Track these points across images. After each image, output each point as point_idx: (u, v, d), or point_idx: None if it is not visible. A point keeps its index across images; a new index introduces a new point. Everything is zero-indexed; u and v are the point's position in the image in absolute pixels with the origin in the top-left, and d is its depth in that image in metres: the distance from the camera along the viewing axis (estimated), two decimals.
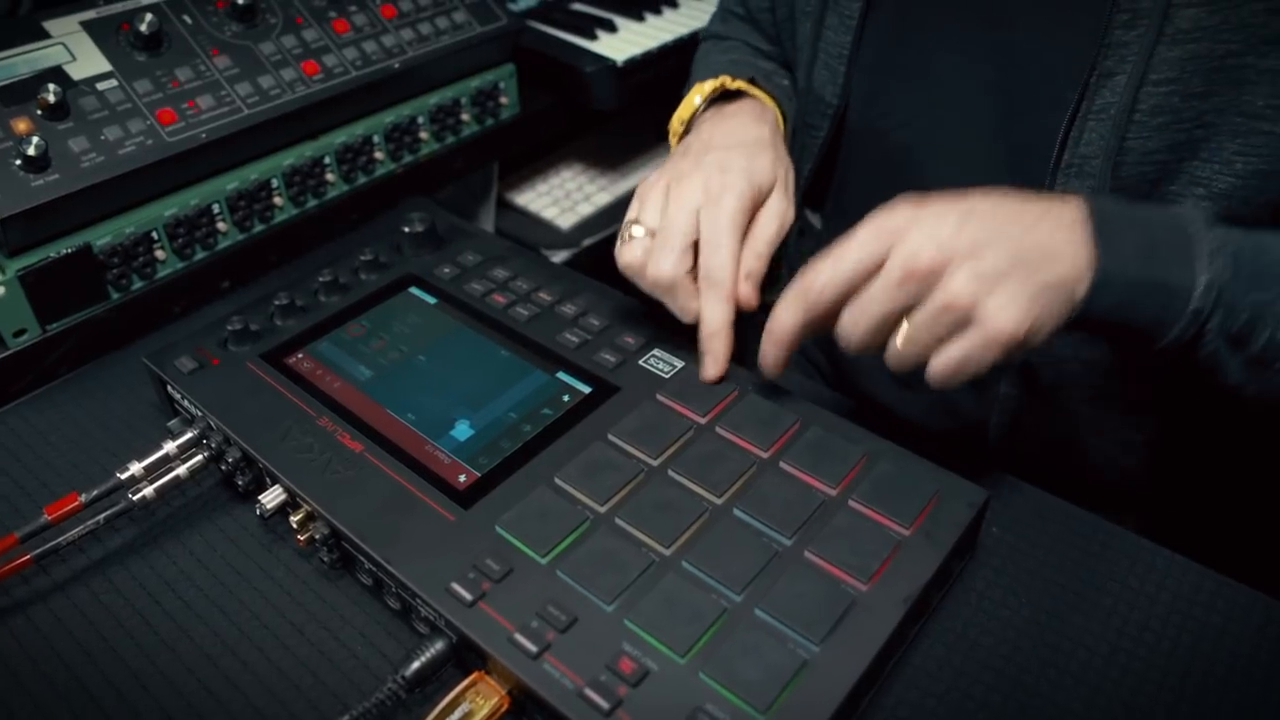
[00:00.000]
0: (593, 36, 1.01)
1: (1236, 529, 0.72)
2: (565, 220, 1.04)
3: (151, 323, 0.73)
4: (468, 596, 0.46)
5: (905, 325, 0.48)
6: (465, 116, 0.91)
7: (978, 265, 0.46)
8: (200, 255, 0.75)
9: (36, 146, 0.63)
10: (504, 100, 0.94)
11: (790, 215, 0.61)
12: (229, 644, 0.51)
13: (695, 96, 0.69)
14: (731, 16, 0.84)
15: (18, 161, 0.64)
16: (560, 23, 1.03)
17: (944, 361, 0.48)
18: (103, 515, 0.54)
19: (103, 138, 0.67)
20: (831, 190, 0.79)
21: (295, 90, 0.76)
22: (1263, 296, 0.49)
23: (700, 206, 0.58)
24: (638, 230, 0.59)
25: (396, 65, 0.82)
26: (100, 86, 0.69)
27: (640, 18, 1.06)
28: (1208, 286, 0.48)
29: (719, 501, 0.51)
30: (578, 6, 1.07)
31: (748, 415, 0.56)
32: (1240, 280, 0.49)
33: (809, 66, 0.73)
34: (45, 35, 0.70)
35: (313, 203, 0.81)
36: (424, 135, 0.88)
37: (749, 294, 0.57)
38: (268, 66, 0.76)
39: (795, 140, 0.79)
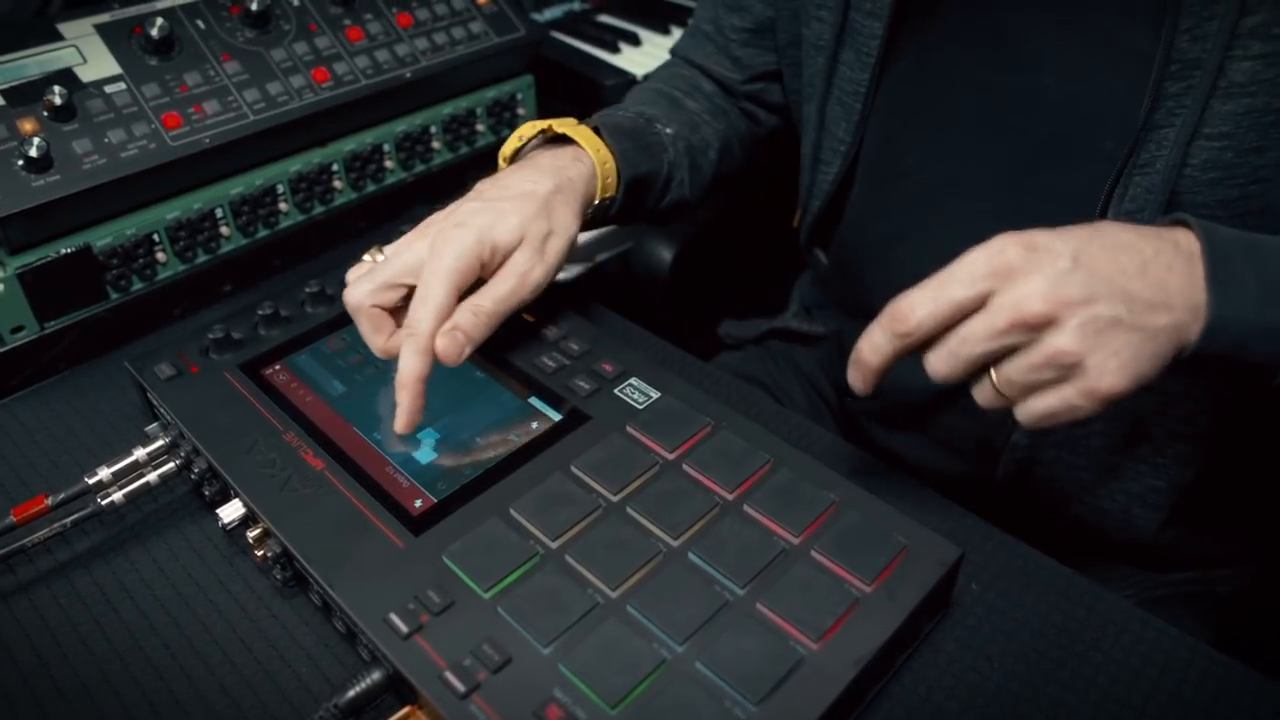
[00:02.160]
0: (615, 50, 0.99)
1: (1239, 600, 0.68)
2: (580, 235, 1.03)
3: (152, 324, 0.74)
4: (404, 628, 0.45)
5: (1002, 368, 0.46)
6: (480, 127, 0.90)
7: (1089, 315, 0.44)
8: (202, 258, 0.75)
9: (38, 147, 0.64)
10: (521, 111, 0.93)
11: (537, 275, 0.59)
12: (177, 657, 0.51)
13: (525, 131, 0.67)
14: (699, 34, 0.81)
15: (20, 162, 0.64)
16: (584, 35, 1.02)
17: (1038, 409, 0.46)
18: (69, 519, 0.55)
19: (106, 140, 0.68)
20: (840, 231, 0.76)
21: (303, 97, 0.76)
22: None
23: (424, 259, 0.57)
24: (377, 255, 0.60)
25: (409, 75, 0.81)
26: (108, 89, 0.70)
27: (666, 31, 1.04)
28: None
29: (674, 544, 0.49)
30: (604, 19, 1.06)
31: (718, 453, 0.54)
32: None
33: (822, 101, 0.70)
34: (59, 37, 0.71)
35: (320, 209, 0.82)
36: (436, 145, 0.87)
37: (445, 347, 0.55)
38: (277, 73, 0.76)
39: (803, 177, 0.77)
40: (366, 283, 0.58)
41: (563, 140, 0.67)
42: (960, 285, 0.45)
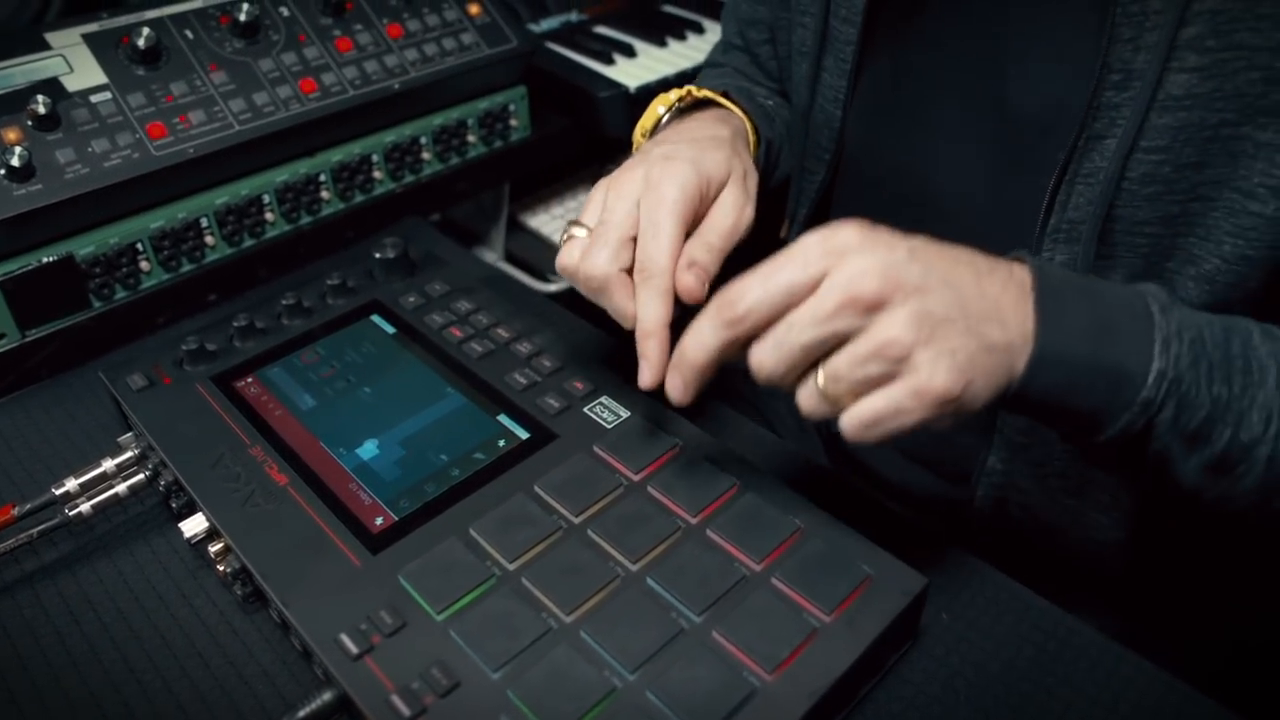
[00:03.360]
0: (610, 61, 0.99)
1: (1215, 641, 0.66)
2: None
3: (135, 333, 0.74)
4: (353, 649, 0.45)
5: (829, 362, 0.42)
6: (471, 138, 0.90)
7: (922, 306, 0.41)
8: (187, 268, 0.76)
9: (20, 156, 0.65)
10: (514, 123, 0.93)
11: (749, 213, 0.56)
12: (135, 672, 0.50)
13: (659, 105, 0.65)
14: (731, 48, 0.82)
15: (2, 171, 0.65)
16: (579, 46, 1.01)
17: (864, 411, 0.42)
18: (35, 530, 0.55)
19: (89, 150, 0.68)
20: None
21: (289, 108, 0.76)
22: (1225, 391, 0.44)
23: (640, 197, 0.52)
24: (578, 230, 0.54)
25: (397, 86, 0.81)
26: (94, 99, 0.70)
27: (662, 43, 1.04)
28: (1159, 375, 0.44)
29: (633, 568, 0.48)
30: (601, 30, 1.06)
31: (683, 475, 0.53)
32: (1200, 371, 0.44)
33: (807, 108, 0.70)
34: (46, 47, 0.71)
35: (307, 220, 0.82)
36: (426, 156, 0.87)
37: (690, 284, 0.50)
38: (264, 83, 0.76)
39: (791, 185, 0.76)
40: (602, 249, 0.51)
41: (700, 107, 0.66)
42: (793, 266, 0.42)
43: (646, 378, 0.50)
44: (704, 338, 0.44)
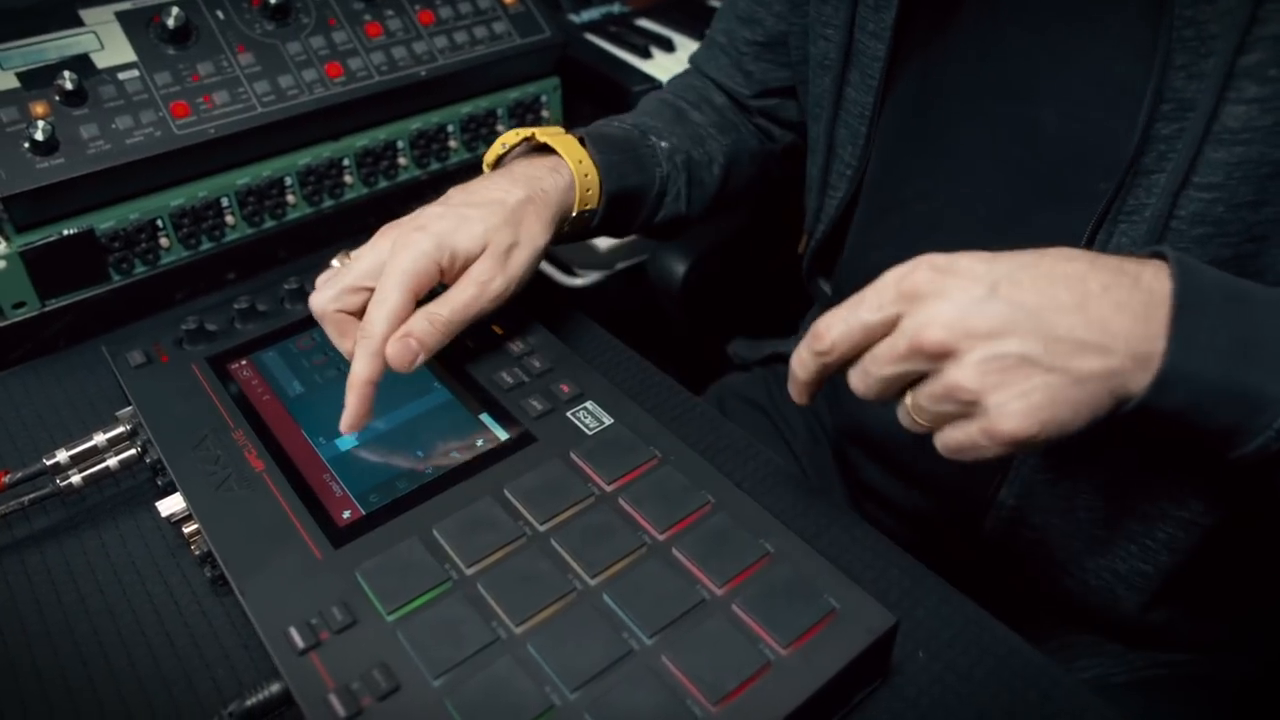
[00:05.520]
0: (646, 55, 0.97)
1: (1250, 688, 0.62)
2: (602, 240, 1.02)
3: (152, 308, 0.76)
4: (300, 644, 0.44)
5: (913, 394, 0.44)
6: (501, 128, 0.89)
7: (992, 351, 0.41)
8: (206, 246, 0.77)
9: (44, 130, 0.66)
10: (545, 114, 0.92)
11: (498, 286, 0.57)
12: (104, 647, 0.51)
13: (500, 143, 0.66)
14: (714, 45, 0.79)
15: (26, 144, 0.66)
16: (618, 38, 1.00)
17: (948, 440, 0.44)
18: (26, 498, 0.56)
19: (113, 126, 0.69)
20: (843, 258, 0.73)
21: (313, 92, 0.76)
22: None
23: (386, 259, 0.56)
24: (335, 261, 0.62)
25: (423, 73, 0.81)
26: (121, 76, 0.71)
27: (702, 38, 1.01)
28: None
29: (591, 583, 0.47)
30: (642, 23, 1.04)
31: (657, 489, 0.51)
32: None
33: (829, 124, 0.67)
34: (79, 23, 0.72)
35: (329, 203, 0.82)
36: (454, 144, 0.87)
37: (394, 354, 0.54)
38: (290, 66, 0.77)
39: (810, 201, 0.74)
40: (329, 288, 0.57)
41: (546, 149, 0.65)
42: (868, 308, 0.44)
43: (345, 423, 0.54)
44: (804, 361, 0.48)
